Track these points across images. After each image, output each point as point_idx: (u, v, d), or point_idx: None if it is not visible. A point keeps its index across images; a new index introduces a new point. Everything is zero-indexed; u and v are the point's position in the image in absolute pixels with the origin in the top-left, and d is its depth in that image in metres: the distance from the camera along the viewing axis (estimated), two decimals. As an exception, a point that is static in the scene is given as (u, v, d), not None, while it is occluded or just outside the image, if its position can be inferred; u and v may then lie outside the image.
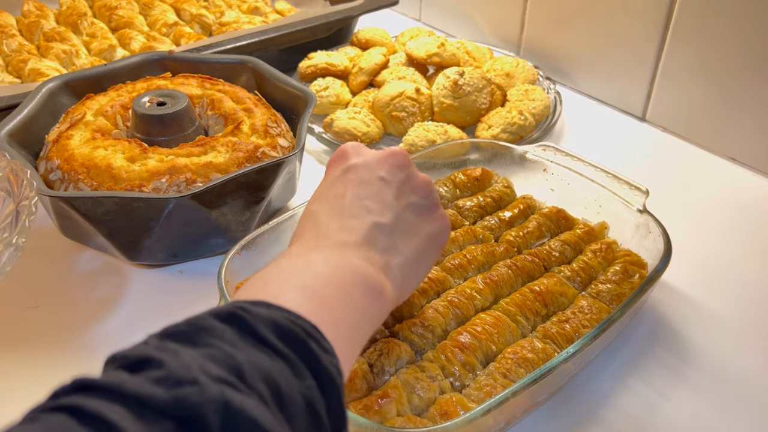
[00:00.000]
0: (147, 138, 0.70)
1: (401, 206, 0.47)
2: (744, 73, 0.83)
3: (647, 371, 0.59)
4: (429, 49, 0.98)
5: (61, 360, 0.59)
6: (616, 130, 0.97)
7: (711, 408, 0.56)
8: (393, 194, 0.47)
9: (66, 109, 0.76)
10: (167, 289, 0.67)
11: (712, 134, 0.90)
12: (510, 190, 0.74)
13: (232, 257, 0.59)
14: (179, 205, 0.62)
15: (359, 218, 0.45)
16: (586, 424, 0.55)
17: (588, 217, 0.71)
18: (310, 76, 0.99)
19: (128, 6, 1.17)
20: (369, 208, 0.46)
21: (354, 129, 0.88)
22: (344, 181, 0.48)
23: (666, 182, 0.83)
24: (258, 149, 0.69)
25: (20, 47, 1.03)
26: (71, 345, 0.61)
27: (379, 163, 0.48)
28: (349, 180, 0.48)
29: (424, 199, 0.49)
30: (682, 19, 0.87)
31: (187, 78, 0.80)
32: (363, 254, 0.43)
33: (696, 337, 0.63)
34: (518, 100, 0.94)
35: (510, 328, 0.56)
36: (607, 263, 0.65)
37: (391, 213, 0.46)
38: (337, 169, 0.49)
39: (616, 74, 0.99)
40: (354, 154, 0.49)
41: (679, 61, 0.90)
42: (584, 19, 1.00)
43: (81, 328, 0.62)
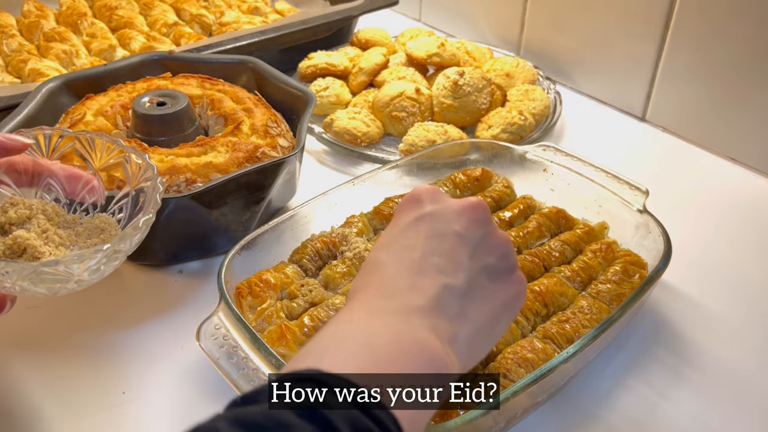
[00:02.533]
0: (147, 138, 0.70)
1: (476, 268, 0.43)
2: (744, 73, 0.83)
3: (647, 371, 0.59)
4: (429, 49, 0.98)
5: (61, 360, 0.59)
6: (616, 130, 0.97)
7: (711, 408, 0.56)
8: (468, 253, 0.43)
9: (66, 109, 0.76)
10: (167, 289, 0.67)
11: (712, 134, 0.90)
12: (510, 190, 0.74)
13: (232, 257, 0.59)
14: (179, 205, 0.62)
15: (429, 278, 0.41)
16: (586, 424, 0.55)
17: (588, 217, 0.71)
18: (310, 76, 0.99)
19: (128, 6, 1.17)
20: (440, 267, 0.42)
21: (354, 129, 0.88)
22: (416, 231, 0.44)
23: (666, 182, 0.83)
24: (258, 149, 0.69)
25: (20, 47, 1.03)
26: (71, 345, 0.61)
27: (456, 215, 0.45)
28: (421, 231, 0.44)
29: (501, 260, 0.45)
30: (682, 19, 0.87)
31: (187, 78, 0.80)
32: (431, 323, 0.39)
33: (696, 337, 0.63)
34: (518, 100, 0.94)
35: (510, 328, 0.56)
36: (607, 263, 0.65)
37: (464, 275, 0.42)
38: (409, 214, 0.45)
39: (616, 74, 0.99)
40: (429, 200, 0.46)
41: (679, 61, 0.90)
42: (584, 19, 1.00)
43: (81, 329, 0.62)
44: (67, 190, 0.58)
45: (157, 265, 0.69)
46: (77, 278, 0.50)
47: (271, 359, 0.50)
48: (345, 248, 0.64)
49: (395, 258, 0.43)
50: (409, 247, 0.43)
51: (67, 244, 0.55)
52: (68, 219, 0.57)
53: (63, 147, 0.60)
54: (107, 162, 0.60)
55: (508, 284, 0.45)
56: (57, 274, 0.49)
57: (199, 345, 0.52)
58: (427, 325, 0.39)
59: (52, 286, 0.50)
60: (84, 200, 0.59)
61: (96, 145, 0.60)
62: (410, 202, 0.46)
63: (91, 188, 0.59)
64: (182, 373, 0.58)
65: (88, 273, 0.50)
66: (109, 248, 0.50)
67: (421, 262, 0.42)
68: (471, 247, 0.43)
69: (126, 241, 0.52)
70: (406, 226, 0.45)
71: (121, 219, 0.59)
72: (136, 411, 0.55)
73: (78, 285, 0.51)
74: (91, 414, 0.54)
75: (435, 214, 0.44)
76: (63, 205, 0.59)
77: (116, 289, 0.67)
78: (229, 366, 0.50)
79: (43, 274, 0.48)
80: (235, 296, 0.58)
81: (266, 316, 0.57)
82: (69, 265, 0.49)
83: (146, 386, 0.57)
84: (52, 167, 0.58)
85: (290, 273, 0.62)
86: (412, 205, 0.46)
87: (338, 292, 0.60)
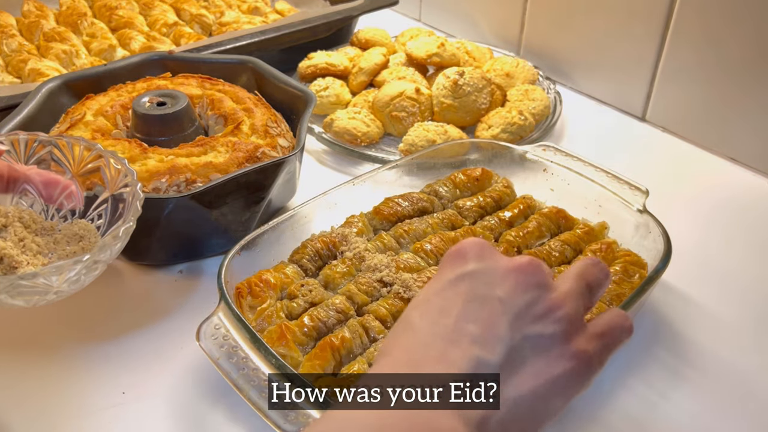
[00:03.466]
0: (147, 138, 0.70)
1: (516, 339, 0.37)
2: (744, 73, 0.83)
3: (647, 371, 0.59)
4: (429, 49, 0.98)
5: (61, 360, 0.59)
6: (616, 130, 0.97)
7: (711, 408, 0.56)
8: (508, 322, 0.38)
9: (66, 109, 0.76)
10: (167, 289, 0.67)
11: (712, 134, 0.90)
12: (510, 190, 0.74)
13: (232, 257, 0.59)
14: (179, 205, 0.62)
15: (461, 349, 0.37)
16: (586, 424, 0.54)
17: (588, 217, 0.71)
18: (310, 76, 0.99)
19: (128, 6, 1.17)
20: (475, 336, 0.37)
21: (354, 129, 0.88)
22: (455, 292, 0.39)
23: (666, 182, 0.83)
24: (258, 149, 0.69)
25: (20, 47, 1.03)
26: (71, 345, 0.61)
27: (501, 277, 0.39)
28: (460, 292, 0.39)
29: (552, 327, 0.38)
30: (682, 19, 0.87)
31: (187, 78, 0.80)
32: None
33: (696, 337, 0.63)
34: (518, 100, 0.94)
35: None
36: (607, 263, 0.65)
37: (501, 347, 0.37)
38: (451, 271, 0.41)
39: (616, 74, 0.99)
40: (474, 256, 0.41)
41: (679, 61, 0.90)
42: (584, 19, 1.00)
43: (81, 329, 0.62)
44: (44, 195, 0.57)
45: (157, 265, 0.69)
46: (56, 290, 0.49)
47: (271, 359, 0.50)
48: (345, 248, 0.64)
49: (428, 321, 0.39)
50: (444, 310, 0.39)
51: (45, 252, 0.54)
52: (46, 226, 0.56)
53: (39, 152, 0.59)
54: (85, 167, 0.59)
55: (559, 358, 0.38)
56: (35, 287, 0.47)
57: (199, 345, 0.52)
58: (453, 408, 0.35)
59: (30, 299, 0.49)
60: (62, 206, 0.58)
61: (74, 149, 0.59)
62: (454, 256, 0.41)
63: (69, 194, 0.57)
64: (182, 373, 0.58)
65: (68, 284, 0.49)
66: (88, 259, 0.49)
67: (455, 330, 0.37)
68: (512, 315, 0.38)
69: (106, 251, 0.51)
70: (446, 285, 0.40)
71: (100, 225, 0.57)
72: (136, 411, 0.55)
73: (57, 296, 0.50)
74: (91, 414, 0.54)
75: (478, 274, 0.40)
76: (40, 211, 0.57)
77: (116, 289, 0.67)
78: (229, 366, 0.50)
79: (21, 287, 0.47)
80: (235, 296, 0.58)
81: (266, 316, 0.57)
82: (48, 277, 0.47)
83: (146, 386, 0.57)
84: (29, 173, 0.57)
85: (290, 273, 0.62)
86: (456, 259, 0.41)
87: (338, 292, 0.60)
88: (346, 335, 0.55)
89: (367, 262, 0.62)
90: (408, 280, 0.59)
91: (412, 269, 0.62)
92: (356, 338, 0.55)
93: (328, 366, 0.53)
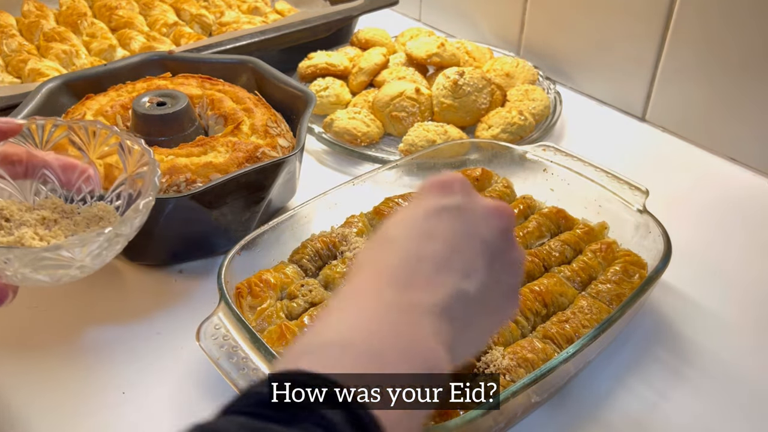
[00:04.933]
0: (147, 138, 0.70)
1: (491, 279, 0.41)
2: (744, 73, 0.83)
3: (647, 371, 0.59)
4: (429, 49, 0.98)
5: (61, 360, 0.59)
6: (616, 130, 0.97)
7: (711, 408, 0.56)
8: (486, 262, 0.41)
9: (66, 109, 0.76)
10: (167, 289, 0.67)
11: (712, 134, 0.90)
12: (510, 190, 0.74)
13: (232, 257, 0.59)
14: (179, 205, 0.62)
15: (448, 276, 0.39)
16: (586, 424, 0.55)
17: (588, 217, 0.71)
18: (310, 76, 0.99)
19: (128, 6, 1.17)
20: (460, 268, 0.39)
21: (354, 129, 0.88)
22: (440, 221, 0.41)
23: (666, 182, 0.83)
24: (258, 149, 0.69)
25: (20, 47, 1.03)
26: (71, 345, 0.61)
27: (483, 218, 0.42)
28: (445, 223, 0.41)
29: (513, 278, 0.43)
30: (682, 19, 0.87)
31: (187, 78, 0.80)
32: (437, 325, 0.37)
33: (696, 337, 0.63)
34: (518, 100, 0.94)
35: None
36: (607, 263, 0.65)
37: (477, 283, 0.40)
38: (435, 200, 0.42)
39: (616, 74, 0.99)
40: (461, 191, 0.42)
41: (679, 61, 0.90)
42: (584, 19, 1.00)
43: (81, 329, 0.62)
44: (63, 180, 0.57)
45: (157, 265, 0.69)
46: (79, 264, 0.49)
47: (271, 359, 0.50)
48: (345, 248, 0.64)
49: (413, 243, 0.40)
50: (431, 236, 0.40)
51: (67, 234, 0.55)
52: (66, 209, 0.56)
53: (57, 137, 0.59)
54: (102, 150, 0.59)
55: (510, 301, 0.43)
56: (59, 260, 0.48)
57: (199, 345, 0.52)
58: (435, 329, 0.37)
59: (54, 273, 0.49)
60: (81, 190, 0.58)
61: (90, 133, 0.59)
62: (439, 186, 0.42)
63: (87, 177, 0.58)
64: (182, 373, 0.58)
65: (90, 258, 0.50)
66: (110, 231, 0.49)
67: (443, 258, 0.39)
68: (489, 256, 0.41)
69: (127, 224, 0.51)
70: (431, 212, 0.41)
71: (119, 206, 0.58)
72: (136, 411, 0.55)
73: (80, 271, 0.50)
74: (91, 414, 0.54)
75: (463, 210, 0.41)
76: (60, 195, 0.58)
77: (116, 289, 0.67)
78: (229, 366, 0.50)
79: (44, 260, 0.47)
80: (235, 296, 0.58)
81: (266, 316, 0.57)
82: (71, 249, 0.48)
83: (146, 386, 0.57)
84: (47, 158, 0.57)
85: (290, 273, 0.62)
86: (441, 190, 0.42)
87: (338, 292, 0.60)
88: (346, 335, 0.55)
89: (367, 262, 0.62)
90: (408, 280, 0.59)
91: (412, 269, 0.61)
92: (356, 338, 0.55)
93: (328, 366, 0.53)
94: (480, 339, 0.44)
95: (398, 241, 0.40)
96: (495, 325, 0.44)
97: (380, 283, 0.38)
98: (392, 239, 0.41)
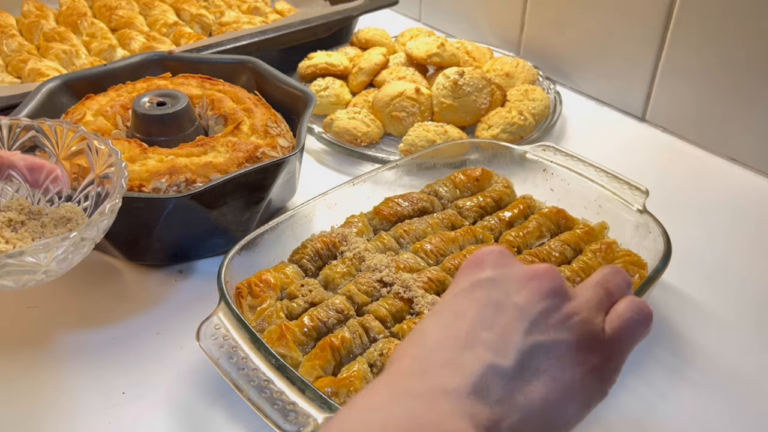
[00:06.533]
0: (147, 138, 0.70)
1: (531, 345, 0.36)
2: (744, 73, 0.83)
3: (647, 371, 0.59)
4: (429, 49, 0.98)
5: (61, 360, 0.59)
6: (616, 130, 0.97)
7: (711, 408, 0.56)
8: (524, 329, 0.37)
9: (66, 109, 0.76)
10: (167, 289, 0.67)
11: (712, 134, 0.90)
12: (510, 190, 0.74)
13: (232, 257, 0.59)
14: (179, 205, 0.62)
15: (474, 354, 0.35)
16: (586, 424, 0.54)
17: (588, 217, 0.71)
18: (310, 76, 0.99)
19: (128, 6, 1.17)
20: (490, 343, 0.36)
21: (354, 129, 0.88)
22: (470, 298, 0.38)
23: (666, 182, 0.83)
24: (258, 149, 0.69)
25: (20, 47, 1.03)
26: (71, 345, 0.61)
27: (518, 284, 0.39)
28: (475, 299, 0.38)
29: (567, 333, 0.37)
30: (682, 19, 0.87)
31: (187, 78, 0.80)
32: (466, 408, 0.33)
33: (696, 337, 0.63)
34: (518, 100, 0.94)
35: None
36: (607, 263, 0.65)
37: (515, 353, 0.36)
38: (467, 279, 0.40)
39: (616, 74, 0.99)
40: (492, 264, 0.40)
41: (678, 61, 0.90)
42: (584, 19, 1.00)
43: (81, 329, 0.62)
44: (29, 180, 0.57)
45: (157, 265, 0.69)
46: (44, 269, 0.48)
47: (271, 359, 0.50)
48: (345, 248, 0.64)
49: (441, 327, 0.37)
50: (458, 316, 0.38)
51: (35, 236, 0.54)
52: (33, 210, 0.56)
53: (23, 137, 0.59)
54: (69, 150, 0.59)
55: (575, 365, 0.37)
56: (23, 266, 0.47)
57: (199, 345, 0.52)
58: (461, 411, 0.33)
59: (18, 278, 0.48)
60: (48, 190, 0.58)
61: (57, 133, 0.59)
62: (472, 264, 0.40)
63: (54, 178, 0.57)
64: (182, 373, 0.58)
65: (56, 263, 0.49)
66: (75, 236, 0.48)
67: (468, 334, 0.36)
68: (529, 321, 0.37)
69: (93, 227, 0.50)
70: (462, 292, 0.39)
71: (87, 207, 0.57)
72: (136, 411, 0.55)
73: (46, 276, 0.49)
74: (91, 414, 0.54)
75: (495, 281, 0.39)
76: (26, 197, 0.57)
77: (116, 289, 0.67)
78: (229, 366, 0.50)
79: (8, 266, 0.46)
80: (235, 296, 0.58)
81: (266, 316, 0.57)
82: (35, 255, 0.47)
83: (146, 386, 0.57)
84: (13, 158, 0.57)
85: (290, 273, 0.62)
86: (473, 267, 0.40)
87: (338, 292, 0.60)
88: (346, 335, 0.55)
89: (367, 262, 0.62)
90: (408, 280, 0.59)
91: (412, 269, 0.62)
92: (356, 338, 0.55)
93: (328, 366, 0.53)
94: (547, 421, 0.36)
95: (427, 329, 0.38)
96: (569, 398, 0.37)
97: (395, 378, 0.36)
98: (422, 329, 0.38)
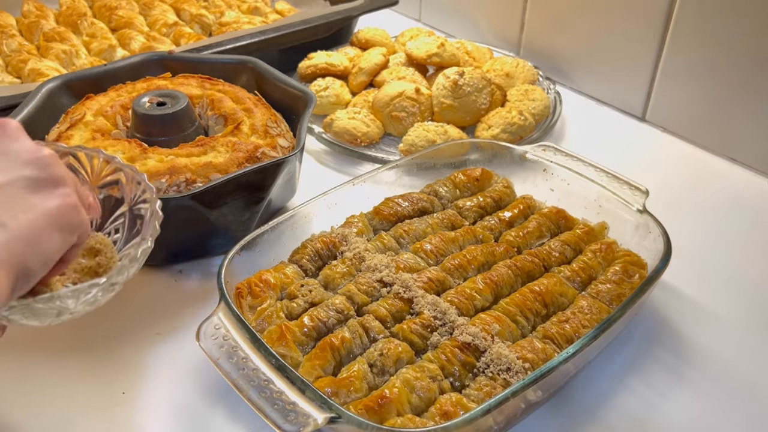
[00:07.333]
0: (147, 138, 0.70)
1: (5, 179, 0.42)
2: (744, 72, 0.83)
3: (647, 371, 0.59)
4: (429, 49, 0.98)
5: (61, 360, 0.59)
6: (616, 130, 0.97)
7: (711, 408, 0.56)
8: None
9: (66, 109, 0.76)
10: (167, 289, 0.67)
11: (712, 134, 0.90)
12: (510, 190, 0.74)
13: (232, 257, 0.59)
14: (179, 205, 0.62)
15: None
16: (586, 424, 0.55)
17: (588, 217, 0.71)
18: (310, 76, 0.99)
19: (128, 6, 1.17)
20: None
21: (354, 129, 0.88)
22: None
23: (666, 182, 0.83)
24: (258, 149, 0.69)
25: (20, 47, 1.03)
26: (70, 345, 0.61)
27: None
28: None
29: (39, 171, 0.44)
30: (682, 19, 0.87)
31: (187, 78, 0.80)
32: None
33: (696, 337, 0.63)
34: (518, 100, 0.94)
35: (510, 328, 0.56)
36: (607, 263, 0.65)
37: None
38: None
39: (616, 74, 0.99)
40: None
41: (679, 61, 0.90)
42: (584, 19, 1.00)
43: (80, 329, 0.62)
44: None
45: (157, 265, 0.69)
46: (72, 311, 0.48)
47: (271, 359, 0.50)
48: (345, 248, 0.64)
49: None
50: None
51: None
52: None
53: None
54: (104, 179, 0.58)
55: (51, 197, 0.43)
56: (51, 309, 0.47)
57: (199, 345, 0.52)
58: None
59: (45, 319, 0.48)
60: None
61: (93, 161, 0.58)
62: None
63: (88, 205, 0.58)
64: (182, 373, 0.58)
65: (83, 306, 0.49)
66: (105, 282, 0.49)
67: None
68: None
69: (123, 273, 0.50)
70: None
71: (117, 240, 0.57)
72: (136, 411, 0.55)
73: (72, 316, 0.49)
74: (91, 414, 0.54)
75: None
76: None
77: (116, 289, 0.67)
78: (229, 366, 0.50)
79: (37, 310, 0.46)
80: (235, 296, 0.58)
81: (266, 316, 0.57)
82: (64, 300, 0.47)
83: (146, 386, 0.57)
84: None
85: (290, 273, 0.62)
86: None
87: (338, 292, 0.60)
88: (346, 335, 0.55)
89: (367, 262, 0.62)
90: (408, 280, 0.59)
91: (412, 269, 0.62)
92: (356, 338, 0.55)
93: (328, 366, 0.53)
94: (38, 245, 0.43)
95: None
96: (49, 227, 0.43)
97: None
98: None
